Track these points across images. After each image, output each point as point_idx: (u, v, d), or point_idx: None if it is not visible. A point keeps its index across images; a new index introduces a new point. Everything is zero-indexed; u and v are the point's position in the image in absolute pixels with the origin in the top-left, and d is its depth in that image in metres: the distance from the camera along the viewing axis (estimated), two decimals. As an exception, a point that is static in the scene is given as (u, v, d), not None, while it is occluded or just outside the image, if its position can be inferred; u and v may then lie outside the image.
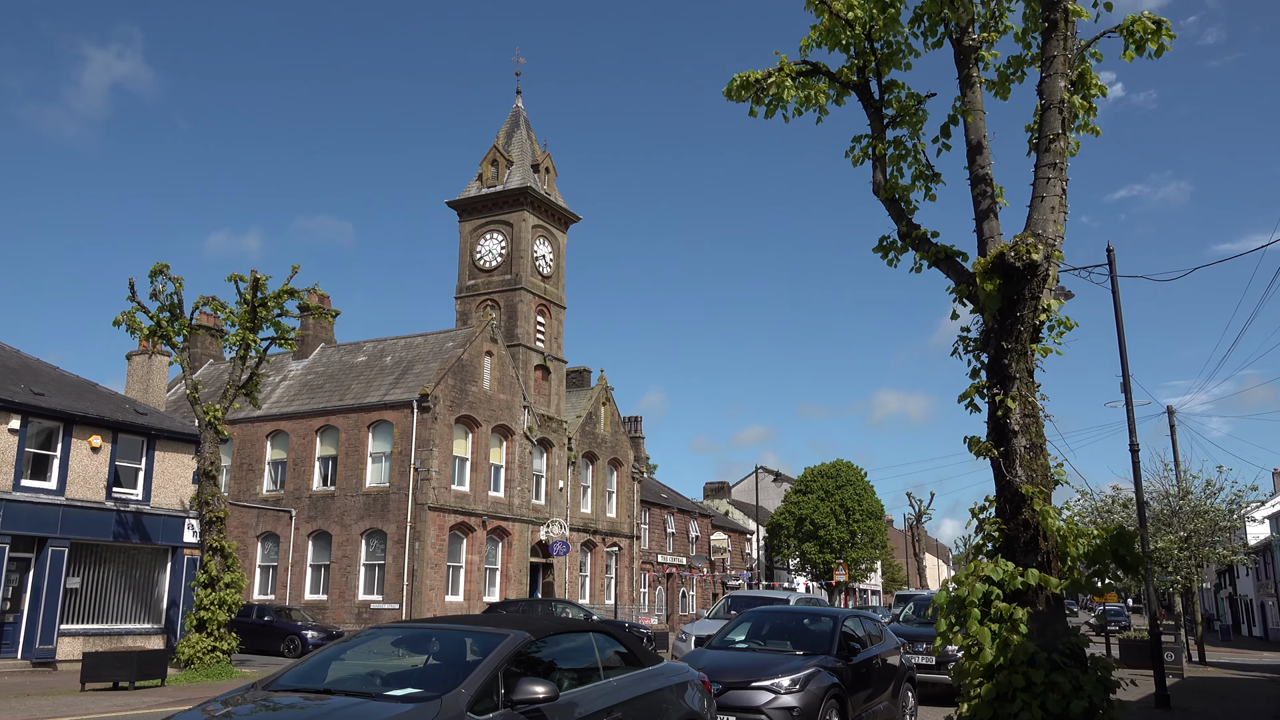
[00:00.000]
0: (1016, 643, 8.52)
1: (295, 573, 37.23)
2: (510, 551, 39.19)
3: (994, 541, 9.32)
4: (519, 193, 42.50)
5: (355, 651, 7.24)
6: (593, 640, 7.48)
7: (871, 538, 64.02)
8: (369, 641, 7.28)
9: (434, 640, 7.15)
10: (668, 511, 57.05)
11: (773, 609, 14.45)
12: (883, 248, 11.06)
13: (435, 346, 39.54)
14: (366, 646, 7.26)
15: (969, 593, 8.93)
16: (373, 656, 7.19)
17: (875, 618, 14.09)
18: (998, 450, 9.24)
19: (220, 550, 21.75)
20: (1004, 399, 9.24)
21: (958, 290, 10.18)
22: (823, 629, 12.68)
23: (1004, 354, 9.36)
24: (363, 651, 7.22)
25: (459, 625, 7.13)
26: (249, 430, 39.77)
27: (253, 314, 22.94)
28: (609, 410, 47.96)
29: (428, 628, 7.45)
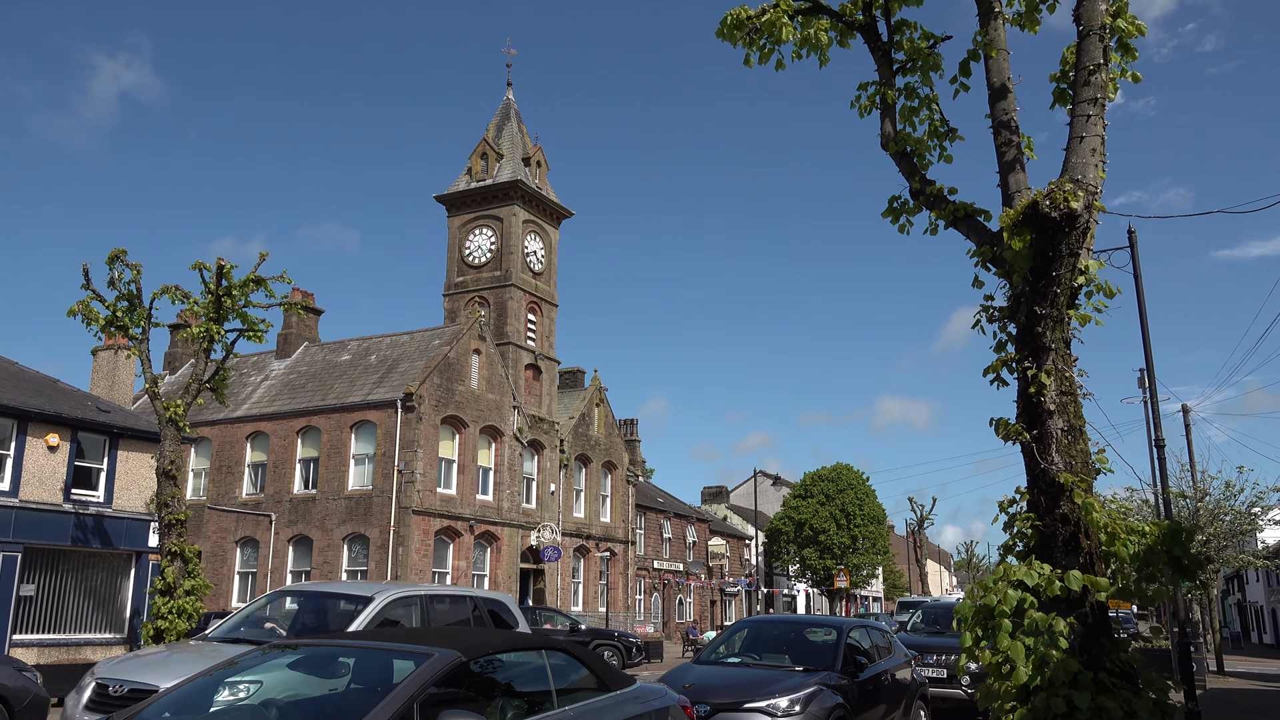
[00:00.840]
0: (1056, 659, 7.10)
1: (275, 579, 35.77)
2: (499, 557, 37.76)
3: (1026, 540, 7.92)
4: (509, 186, 41.16)
5: (252, 673, 5.86)
6: (545, 660, 6.09)
7: (873, 543, 62.54)
8: (266, 661, 5.89)
9: (340, 661, 5.76)
10: (664, 516, 55.62)
11: (767, 618, 13.06)
12: (893, 209, 9.67)
13: (421, 345, 38.16)
14: (264, 666, 5.88)
15: (998, 600, 7.50)
16: (269, 678, 5.82)
17: (883, 627, 12.71)
18: (1030, 433, 7.85)
19: (180, 555, 20.32)
20: (1037, 373, 7.85)
21: (979, 253, 8.79)
22: (825, 641, 11.30)
23: (1036, 321, 7.98)
24: (259, 672, 5.84)
25: (373, 642, 5.74)
26: (228, 432, 38.36)
27: (217, 304, 21.53)
28: (603, 411, 46.56)
29: (334, 645, 6.05)
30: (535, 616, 29.86)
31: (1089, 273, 8.21)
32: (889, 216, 9.76)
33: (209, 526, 37.72)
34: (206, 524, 37.79)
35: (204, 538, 37.75)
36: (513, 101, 44.99)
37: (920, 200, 9.20)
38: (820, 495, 62.19)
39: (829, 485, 62.54)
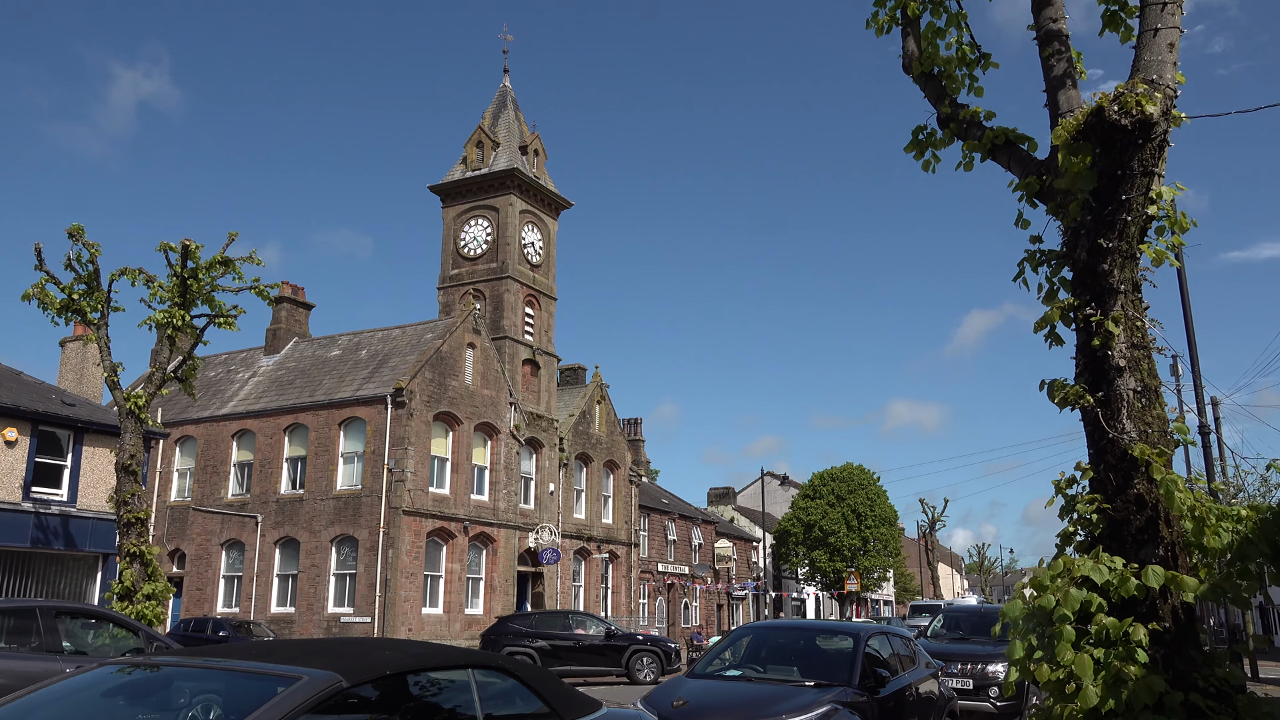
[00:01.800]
0: (1135, 676, 5.52)
1: (261, 583, 34.31)
2: (495, 560, 36.23)
3: (1090, 528, 6.33)
4: (505, 175, 39.68)
5: (75, 701, 4.34)
6: (473, 682, 4.56)
7: (884, 545, 60.82)
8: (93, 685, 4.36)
9: (182, 685, 4.23)
10: (669, 518, 54.02)
11: (773, 624, 11.49)
12: (917, 143, 8.08)
13: (413, 338, 36.68)
14: (91, 691, 4.35)
15: (1058, 602, 5.91)
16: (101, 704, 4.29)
17: (905, 634, 11.14)
18: (1093, 396, 6.26)
19: (139, 557, 18.87)
20: (1103, 321, 6.26)
21: (1024, 186, 7.21)
22: (840, 651, 9.73)
23: (1101, 257, 6.38)
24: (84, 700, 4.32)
25: (227, 661, 4.21)
26: (213, 430, 36.93)
27: (183, 288, 20.07)
28: (604, 409, 45.01)
29: (180, 664, 4.50)
30: (566, 621, 28.20)
31: (1161, 201, 6.63)
32: (912, 151, 8.19)
33: (193, 529, 36.29)
34: (191, 526, 36.36)
35: (189, 540, 36.32)
36: (509, 89, 43.54)
37: (951, 129, 7.68)
38: (830, 496, 60.50)
39: (839, 485, 60.85)
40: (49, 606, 12.45)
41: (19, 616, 11.94)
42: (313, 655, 4.16)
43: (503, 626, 27.02)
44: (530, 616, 28.36)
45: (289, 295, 40.50)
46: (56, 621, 12.15)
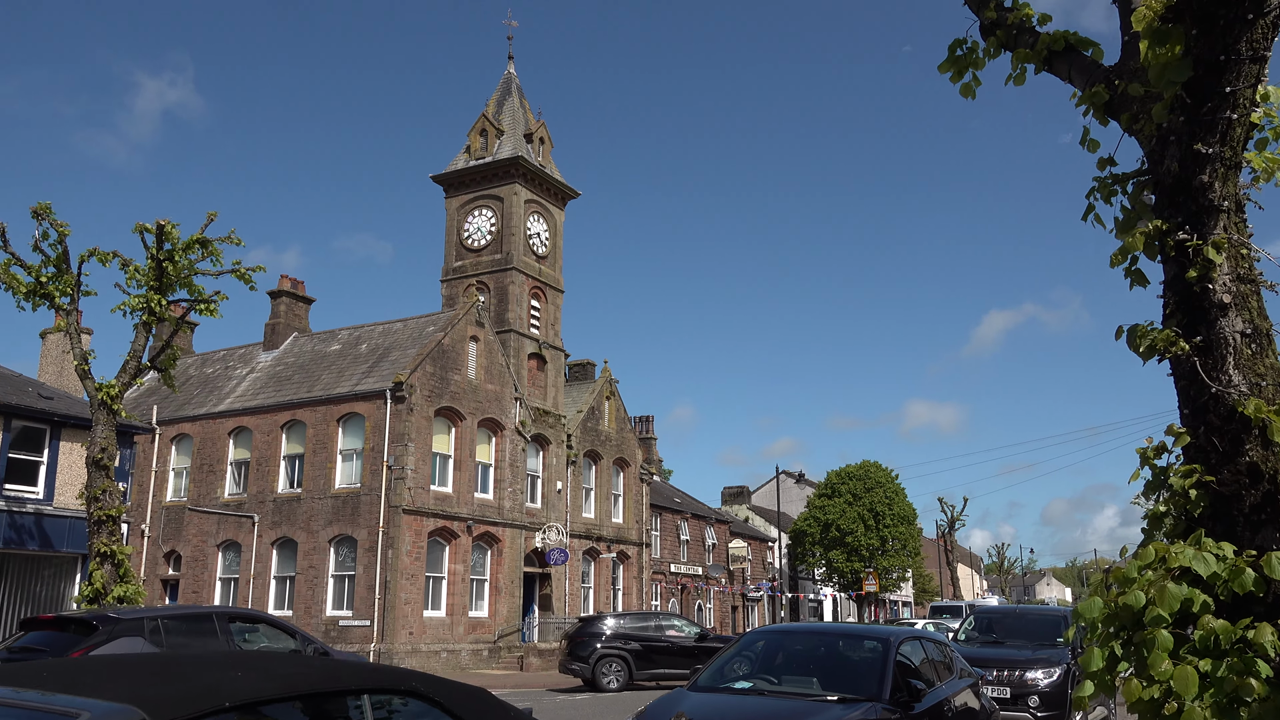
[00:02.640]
0: (1258, 695, 4.14)
1: (258, 585, 33.14)
2: (500, 560, 34.96)
3: (1188, 507, 4.94)
4: (509, 163, 38.44)
5: None
6: (367, 714, 3.25)
7: (904, 544, 59.21)
8: None
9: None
10: (681, 517, 52.64)
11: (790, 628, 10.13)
12: (955, 60, 6.67)
13: (415, 332, 35.46)
14: None
15: (1152, 601, 4.52)
16: None
17: (940, 639, 9.77)
18: (1189, 342, 4.89)
19: (110, 557, 17.67)
20: (1200, 247, 4.88)
21: (1090, 97, 5.78)
22: (867, 659, 8.38)
23: (1198, 165, 4.99)
24: None
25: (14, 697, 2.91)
26: (210, 428, 35.81)
27: (159, 271, 18.87)
28: (614, 405, 43.69)
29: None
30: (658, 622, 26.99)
31: (1267, 102, 5.27)
32: (949, 70, 6.77)
33: (189, 529, 35.17)
34: (187, 527, 35.25)
35: (184, 541, 35.22)
36: (514, 75, 42.30)
37: (997, 37, 6.29)
38: (847, 494, 58.95)
39: (856, 484, 59.30)
40: (223, 612, 13.41)
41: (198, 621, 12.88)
42: (121, 679, 2.88)
43: (590, 629, 25.80)
44: (617, 617, 27.25)
45: (288, 289, 39.38)
46: (230, 625, 13.15)
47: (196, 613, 13.11)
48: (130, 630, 12.07)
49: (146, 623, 12.39)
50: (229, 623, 13.20)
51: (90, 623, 12.17)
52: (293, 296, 39.49)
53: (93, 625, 12.05)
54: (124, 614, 12.63)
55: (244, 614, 14.11)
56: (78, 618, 12.64)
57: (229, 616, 13.39)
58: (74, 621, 12.55)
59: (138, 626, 12.23)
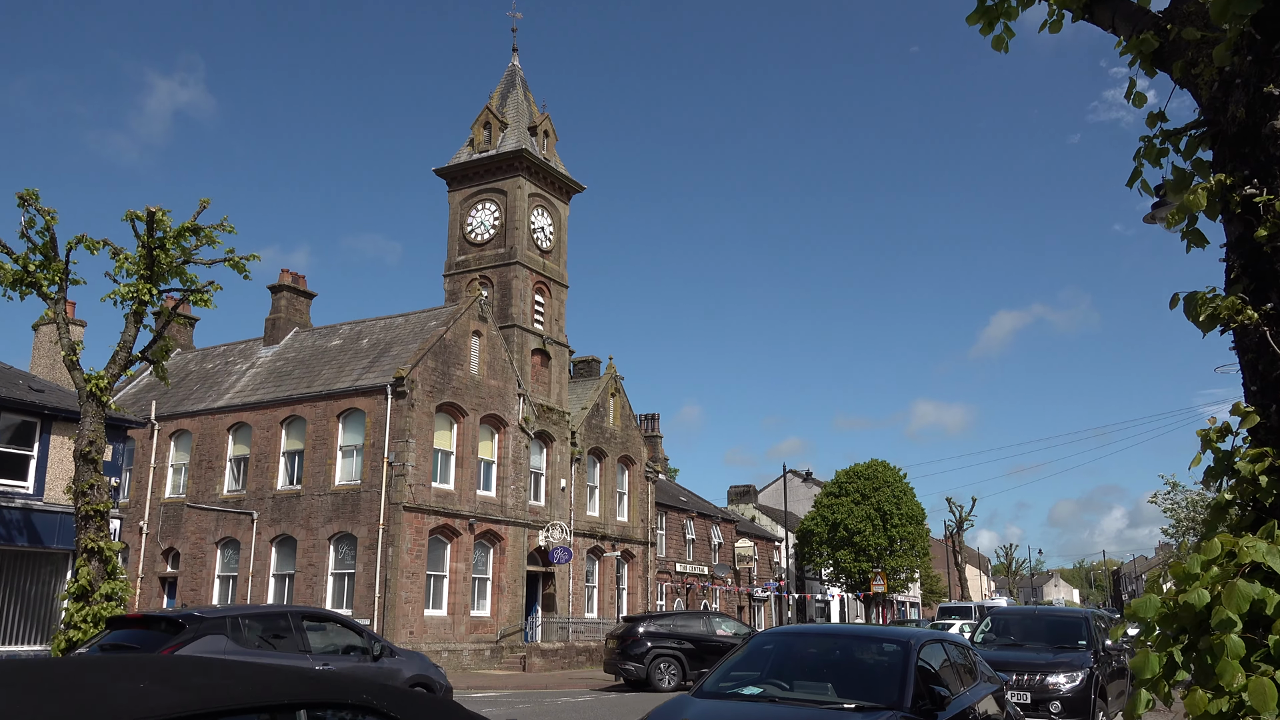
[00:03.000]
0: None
1: (256, 583, 32.62)
2: (503, 559, 34.38)
3: (1258, 495, 4.31)
4: (513, 156, 37.86)
5: None
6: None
7: (912, 545, 58.50)
8: None
9: None
10: (687, 516, 52.03)
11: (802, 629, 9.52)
12: (984, 10, 6.08)
13: (417, 326, 34.91)
14: None
15: (1218, 600, 3.89)
16: None
17: (962, 641, 9.16)
18: (1258, 309, 4.30)
19: (98, 553, 17.12)
20: (1271, 203, 4.30)
21: (1137, 45, 5.20)
22: (886, 663, 7.79)
23: (1269, 110, 4.39)
24: None
25: None
26: (208, 423, 35.30)
27: (150, 259, 18.32)
28: (619, 402, 43.10)
29: None
30: (708, 621, 26.64)
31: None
32: (978, 22, 6.15)
33: (188, 526, 34.67)
34: (185, 524, 34.75)
35: (183, 539, 34.72)
36: (518, 68, 41.74)
37: (1033, -20, 5.74)
38: (855, 493, 58.26)
39: (864, 483, 58.60)
40: (296, 611, 14.10)
41: (274, 619, 13.60)
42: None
43: (642, 629, 25.39)
44: (665, 617, 26.93)
45: (289, 284, 38.86)
46: (301, 623, 13.85)
47: (273, 611, 13.74)
48: (214, 629, 12.56)
49: (229, 621, 12.91)
50: (301, 620, 13.91)
51: (177, 621, 12.61)
52: (293, 291, 38.98)
53: (180, 624, 12.49)
54: (208, 613, 13.18)
55: (315, 612, 14.78)
56: (165, 616, 13.18)
57: (301, 615, 14.13)
58: (161, 620, 13.03)
59: (221, 625, 12.73)
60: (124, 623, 13.62)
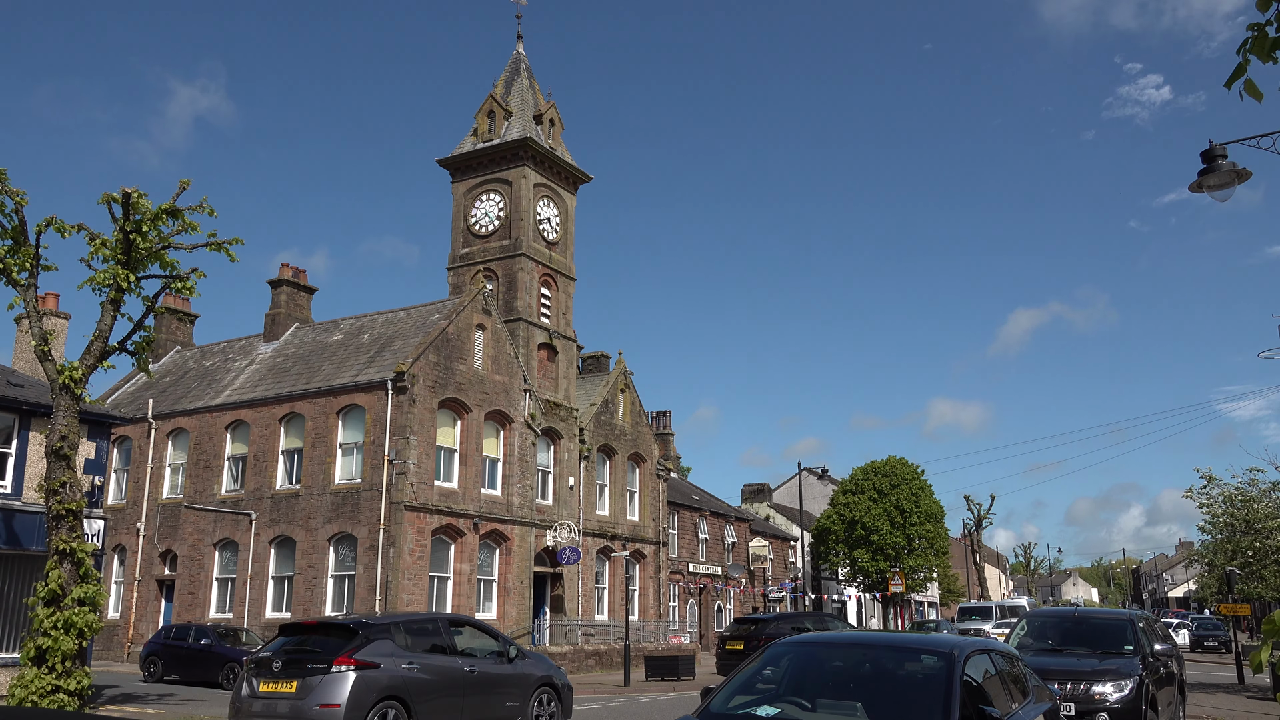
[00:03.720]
0: None
1: (255, 586, 31.63)
2: (509, 559, 33.30)
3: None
4: (518, 145, 36.78)
5: None
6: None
7: (931, 543, 57.10)
8: None
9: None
10: (699, 515, 50.84)
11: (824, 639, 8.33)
12: None
13: (419, 320, 33.86)
14: None
15: None
16: None
17: (1009, 651, 7.98)
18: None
19: (70, 555, 16.11)
20: None
21: None
22: (924, 677, 6.62)
23: None
24: None
25: None
26: (206, 422, 34.34)
27: (127, 244, 17.29)
28: (629, 398, 41.96)
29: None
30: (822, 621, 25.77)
31: None
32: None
33: (185, 528, 33.71)
34: (183, 525, 33.80)
35: (180, 540, 33.77)
36: (523, 55, 40.65)
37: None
38: (872, 491, 56.89)
39: (881, 480, 57.23)
40: (444, 617, 15.25)
41: (426, 624, 14.62)
42: None
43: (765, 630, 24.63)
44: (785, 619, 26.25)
45: (289, 278, 37.87)
46: (449, 628, 14.90)
47: (425, 618, 14.94)
48: (382, 634, 13.56)
49: (392, 627, 13.94)
50: (448, 625, 15.01)
51: (350, 627, 13.58)
52: (294, 286, 38.00)
53: (354, 630, 13.46)
54: (375, 620, 14.17)
55: (457, 618, 16.06)
56: (339, 623, 14.07)
57: (449, 621, 15.22)
58: (336, 626, 13.89)
59: (387, 630, 13.72)
60: (298, 629, 14.31)
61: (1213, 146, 13.35)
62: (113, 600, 35.28)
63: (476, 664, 14.49)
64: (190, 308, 42.07)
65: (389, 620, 14.26)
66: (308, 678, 12.79)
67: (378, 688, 12.82)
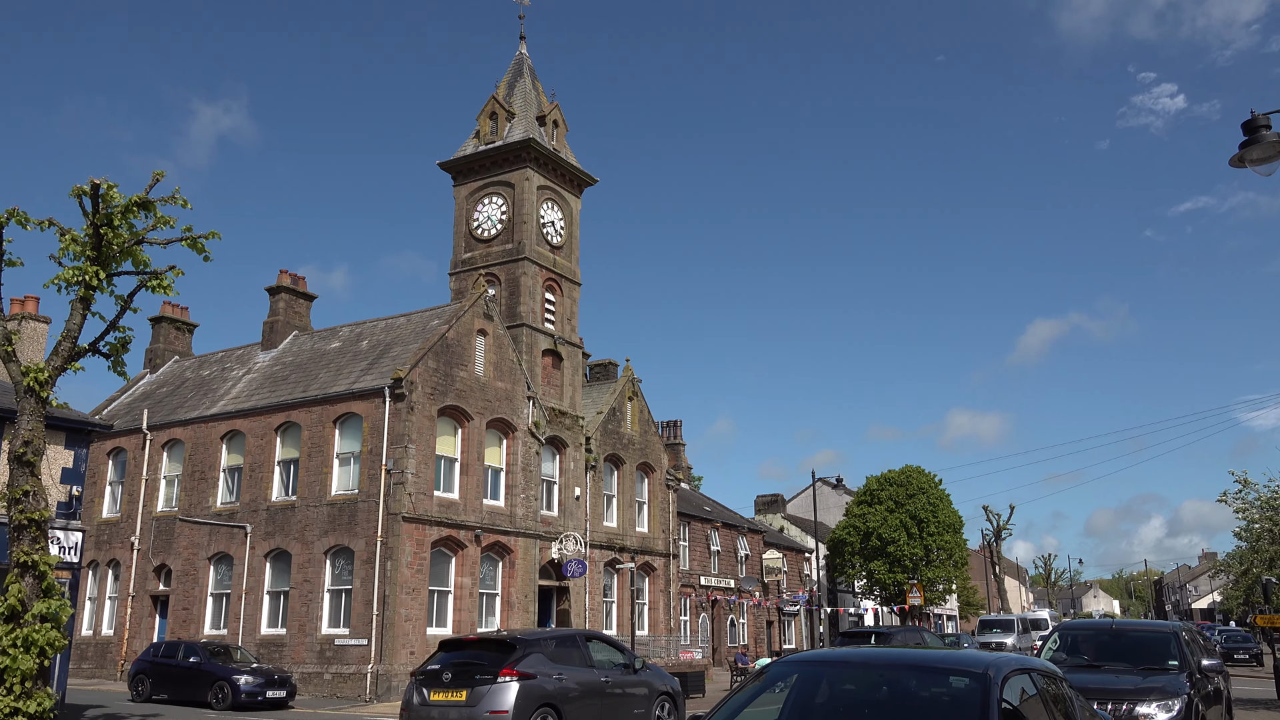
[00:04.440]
0: None
1: (250, 601, 30.61)
2: (513, 573, 32.18)
3: None
4: (520, 147, 35.84)
5: None
6: None
7: (949, 554, 55.63)
8: None
9: None
10: (711, 526, 49.60)
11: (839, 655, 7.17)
12: None
13: (419, 326, 32.89)
14: None
15: None
16: None
17: (1051, 669, 6.84)
18: None
19: (33, 568, 15.08)
20: None
21: None
22: (954, 704, 5.51)
23: None
24: None
25: None
26: (202, 432, 33.42)
27: (97, 239, 16.34)
28: (637, 406, 40.85)
29: None
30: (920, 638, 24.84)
31: None
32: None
33: (180, 541, 32.76)
34: (177, 539, 32.85)
35: (175, 554, 32.82)
36: (526, 56, 39.79)
37: None
38: (888, 501, 55.50)
39: (897, 490, 55.84)
40: (580, 634, 17.14)
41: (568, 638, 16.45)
42: None
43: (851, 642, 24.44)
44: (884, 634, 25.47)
45: (288, 285, 37.01)
46: (587, 643, 16.69)
47: (567, 634, 16.80)
48: (535, 648, 15.25)
49: (543, 642, 15.62)
50: (585, 640, 16.78)
51: (509, 642, 15.26)
52: (292, 293, 37.12)
53: (513, 645, 15.15)
54: (528, 635, 15.87)
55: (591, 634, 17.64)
56: (496, 639, 15.79)
57: (585, 635, 17.17)
58: (493, 642, 15.68)
59: (539, 644, 15.45)
60: (459, 645, 16.12)
61: (1255, 117, 12.20)
62: (106, 617, 34.37)
63: (608, 674, 16.20)
64: (188, 316, 41.29)
65: (539, 635, 16.17)
66: (476, 687, 14.52)
67: (536, 696, 14.51)
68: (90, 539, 35.03)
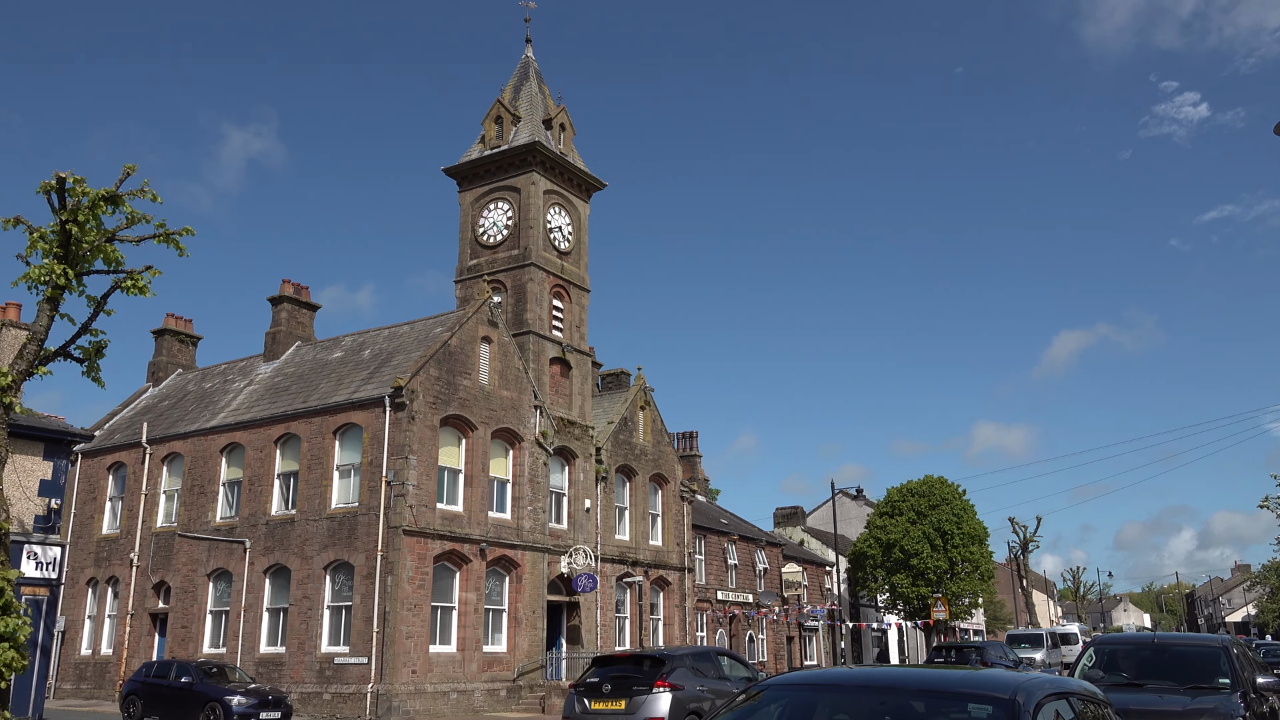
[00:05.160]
0: None
1: (249, 619, 29.68)
2: (520, 588, 31.10)
3: None
4: (526, 150, 34.98)
5: None
6: None
7: (975, 567, 54.03)
8: None
9: None
10: (728, 539, 48.33)
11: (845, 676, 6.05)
12: None
13: (421, 335, 31.99)
14: None
15: None
16: None
17: (1093, 692, 5.72)
18: None
19: (-10, 584, 14.20)
20: None
21: None
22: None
23: None
24: None
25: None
26: (201, 445, 32.62)
27: (65, 236, 15.52)
28: (649, 416, 39.76)
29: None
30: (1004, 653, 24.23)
31: None
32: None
33: (179, 558, 31.92)
34: (177, 555, 32.01)
35: (174, 571, 31.97)
36: (532, 59, 38.98)
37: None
38: (910, 512, 54.04)
39: (919, 500, 54.37)
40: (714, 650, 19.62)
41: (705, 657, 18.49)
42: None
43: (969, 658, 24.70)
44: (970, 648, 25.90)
45: (290, 295, 36.23)
46: (720, 659, 18.91)
47: (703, 650, 19.38)
48: (680, 663, 17.20)
49: (686, 657, 17.63)
50: (718, 656, 19.06)
51: (659, 658, 17.28)
52: (295, 303, 36.34)
53: (662, 660, 17.09)
54: (674, 652, 18.03)
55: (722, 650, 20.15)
56: (646, 654, 17.91)
57: (717, 652, 19.72)
58: (644, 657, 17.65)
59: (684, 660, 17.45)
60: (611, 660, 17.98)
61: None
62: (105, 635, 33.56)
63: (738, 686, 17.05)
64: (191, 329, 40.62)
65: (683, 652, 18.16)
66: (634, 697, 16.26)
67: (685, 705, 16.15)
68: (90, 556, 34.30)
